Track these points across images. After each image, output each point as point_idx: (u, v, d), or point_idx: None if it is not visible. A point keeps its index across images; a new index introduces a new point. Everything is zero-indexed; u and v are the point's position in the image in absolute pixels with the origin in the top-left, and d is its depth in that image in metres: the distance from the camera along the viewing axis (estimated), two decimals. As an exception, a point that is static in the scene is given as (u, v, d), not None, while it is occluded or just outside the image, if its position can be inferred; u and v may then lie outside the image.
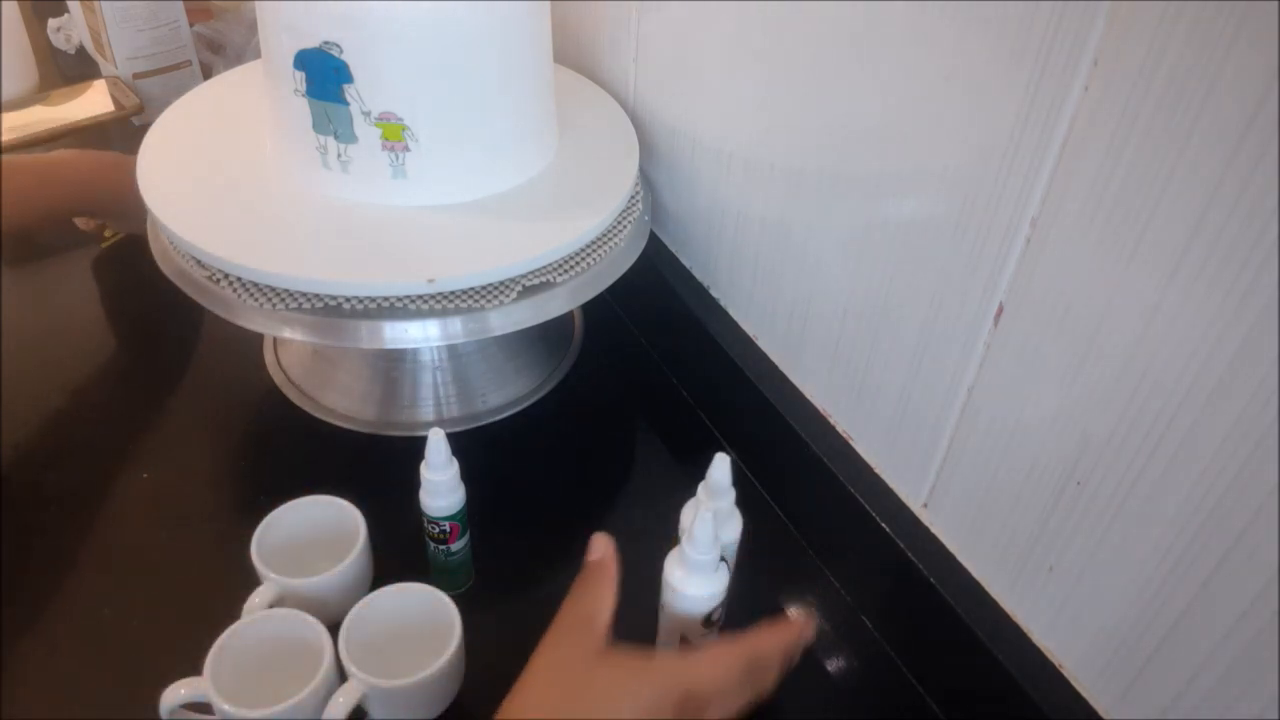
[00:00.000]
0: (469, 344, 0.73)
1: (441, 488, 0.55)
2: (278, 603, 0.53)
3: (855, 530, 0.58)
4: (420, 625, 0.53)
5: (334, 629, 0.51)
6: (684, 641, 0.52)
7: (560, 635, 0.47)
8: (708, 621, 0.52)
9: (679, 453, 0.72)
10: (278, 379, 0.73)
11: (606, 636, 0.46)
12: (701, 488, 0.52)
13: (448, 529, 0.56)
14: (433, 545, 0.58)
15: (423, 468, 0.54)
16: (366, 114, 0.57)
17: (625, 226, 0.66)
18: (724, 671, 0.46)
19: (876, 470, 0.59)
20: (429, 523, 0.56)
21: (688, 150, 0.68)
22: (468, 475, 0.56)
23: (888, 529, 0.56)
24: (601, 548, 0.50)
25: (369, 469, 0.66)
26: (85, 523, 0.63)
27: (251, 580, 0.55)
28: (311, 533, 0.57)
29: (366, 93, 0.56)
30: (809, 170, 0.56)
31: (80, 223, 0.81)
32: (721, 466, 0.51)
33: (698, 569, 0.50)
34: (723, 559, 0.51)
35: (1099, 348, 0.42)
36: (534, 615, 0.52)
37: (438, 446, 0.53)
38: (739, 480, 0.52)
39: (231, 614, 0.52)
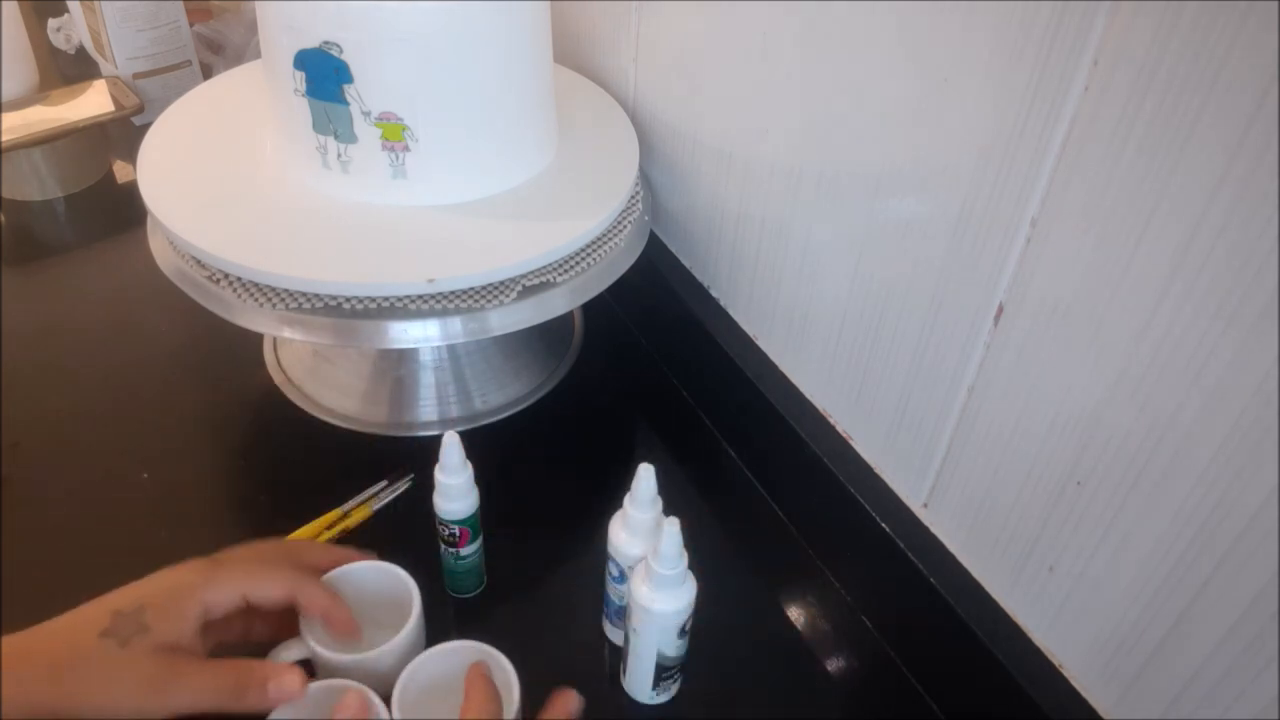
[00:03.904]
0: (469, 344, 0.73)
1: (454, 491, 0.54)
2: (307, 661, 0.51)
3: (855, 530, 0.58)
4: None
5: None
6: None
7: None
8: (681, 633, 0.51)
9: (679, 453, 0.72)
10: (278, 379, 0.73)
11: None
12: (628, 500, 0.52)
13: (457, 533, 0.56)
14: (444, 548, 0.58)
15: (437, 470, 0.54)
16: (366, 114, 0.57)
17: (625, 226, 0.66)
18: None
19: (876, 470, 0.59)
20: (440, 524, 0.56)
21: (688, 150, 0.68)
22: (467, 475, 0.56)
23: (888, 529, 0.56)
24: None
25: (369, 469, 0.66)
26: (85, 523, 0.63)
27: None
28: (359, 600, 0.54)
29: (366, 93, 0.56)
30: (809, 170, 0.56)
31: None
32: (647, 478, 0.50)
33: (666, 584, 0.48)
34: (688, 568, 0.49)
35: (1099, 347, 0.42)
36: (532, 616, 0.52)
37: (452, 450, 0.53)
38: (740, 480, 0.52)
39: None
